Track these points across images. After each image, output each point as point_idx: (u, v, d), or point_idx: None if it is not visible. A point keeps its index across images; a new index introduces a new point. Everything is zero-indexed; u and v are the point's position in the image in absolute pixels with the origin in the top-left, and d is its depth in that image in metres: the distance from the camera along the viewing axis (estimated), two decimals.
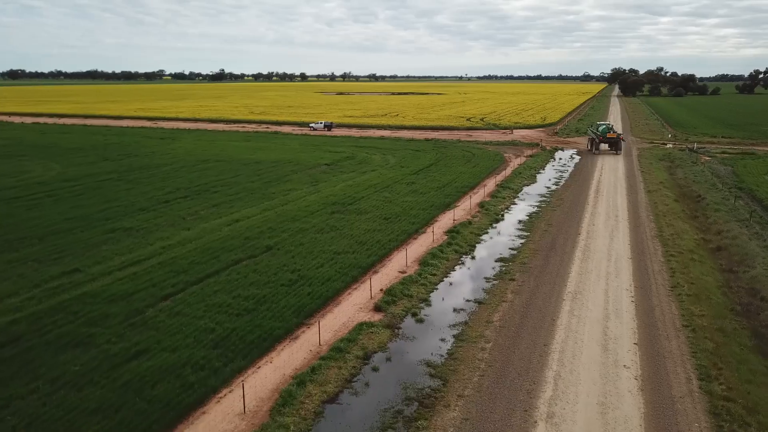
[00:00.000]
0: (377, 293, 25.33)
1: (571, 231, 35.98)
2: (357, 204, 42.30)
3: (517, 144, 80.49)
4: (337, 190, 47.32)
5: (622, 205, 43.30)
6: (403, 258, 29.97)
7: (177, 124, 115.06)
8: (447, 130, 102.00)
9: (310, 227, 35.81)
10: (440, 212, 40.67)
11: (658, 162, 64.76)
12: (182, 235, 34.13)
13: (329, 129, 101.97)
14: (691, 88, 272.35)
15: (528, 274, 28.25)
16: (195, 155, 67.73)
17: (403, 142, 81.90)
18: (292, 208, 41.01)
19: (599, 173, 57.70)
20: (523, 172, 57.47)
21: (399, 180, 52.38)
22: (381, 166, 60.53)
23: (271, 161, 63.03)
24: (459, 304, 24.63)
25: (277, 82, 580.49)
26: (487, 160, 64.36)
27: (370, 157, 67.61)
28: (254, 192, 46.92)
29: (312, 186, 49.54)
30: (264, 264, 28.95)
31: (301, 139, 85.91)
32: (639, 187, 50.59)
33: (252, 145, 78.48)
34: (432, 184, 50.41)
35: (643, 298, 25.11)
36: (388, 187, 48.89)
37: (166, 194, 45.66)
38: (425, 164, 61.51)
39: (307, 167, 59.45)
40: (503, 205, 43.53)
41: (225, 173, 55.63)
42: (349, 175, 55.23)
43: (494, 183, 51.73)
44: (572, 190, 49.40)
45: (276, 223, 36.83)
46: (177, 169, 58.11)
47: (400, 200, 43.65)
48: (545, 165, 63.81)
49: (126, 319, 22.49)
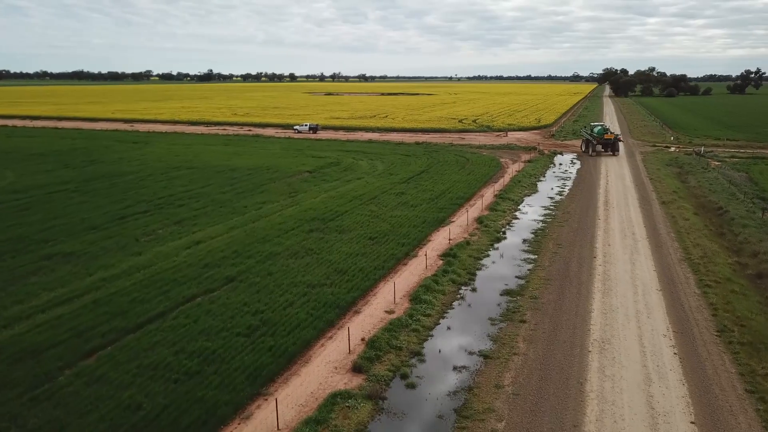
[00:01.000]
0: (358, 344, 20.32)
1: (585, 253, 31.16)
2: (339, 220, 37.25)
3: (513, 148, 75.81)
4: (318, 203, 42.24)
5: (636, 219, 38.58)
6: (391, 292, 24.97)
7: (154, 126, 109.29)
8: (438, 132, 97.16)
9: (283, 250, 30.70)
10: (434, 229, 35.70)
11: (665, 167, 60.29)
12: (131, 262, 28.91)
13: (315, 132, 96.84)
14: (682, 89, 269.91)
15: (541, 313, 23.37)
16: (166, 161, 62.32)
17: (392, 146, 76.94)
18: (264, 225, 35.86)
19: (605, 181, 53.06)
20: (523, 179, 52.69)
21: (387, 190, 47.39)
22: (368, 174, 55.50)
23: (247, 168, 57.78)
24: (460, 360, 19.67)
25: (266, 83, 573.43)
26: (482, 166, 59.54)
27: (356, 162, 62.58)
28: (224, 205, 41.71)
29: (290, 198, 44.41)
30: (222, 302, 23.84)
31: (283, 143, 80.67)
32: (651, 197, 45.97)
33: (230, 149, 73.14)
34: (424, 194, 45.46)
35: (687, 348, 20.30)
36: (375, 199, 43.89)
37: (124, 209, 40.32)
38: (416, 171, 56.56)
39: (287, 175, 54.28)
40: (504, 220, 38.65)
41: (195, 182, 50.33)
42: (333, 184, 50.15)
43: (492, 193, 46.90)
44: (578, 200, 44.67)
45: (243, 245, 31.67)
46: (143, 178, 52.69)
47: (389, 215, 38.65)
48: (545, 171, 59.10)
49: (29, 389, 17.31)
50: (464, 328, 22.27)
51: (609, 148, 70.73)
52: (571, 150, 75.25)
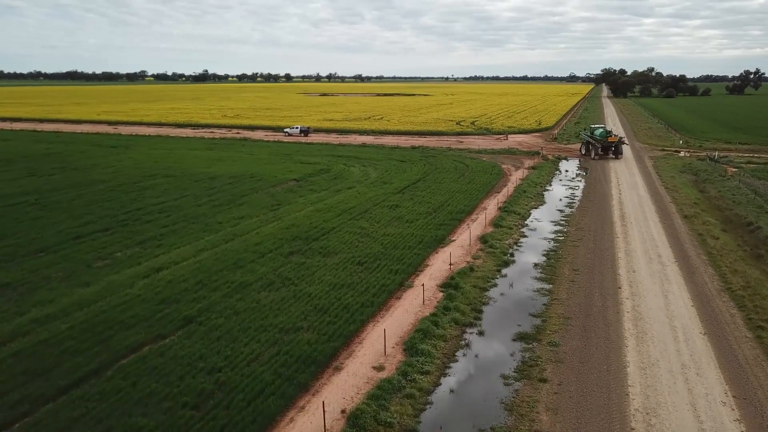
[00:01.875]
0: (336, 419, 15.94)
1: (607, 282, 26.85)
2: (324, 239, 32.83)
3: (514, 152, 71.52)
4: (302, 218, 37.81)
5: (659, 238, 34.27)
6: (381, 338, 20.56)
7: (139, 129, 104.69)
8: (435, 135, 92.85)
9: (255, 280, 26.27)
10: (432, 251, 31.31)
11: (680, 175, 56.08)
12: (75, 296, 24.44)
13: (306, 135, 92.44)
14: (681, 89, 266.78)
15: (565, 368, 19.03)
16: (143, 168, 57.77)
17: (387, 151, 72.57)
18: (238, 246, 31.41)
19: (617, 191, 48.80)
20: (528, 189, 48.37)
21: (380, 201, 43.01)
22: (360, 182, 51.10)
23: (229, 176, 53.28)
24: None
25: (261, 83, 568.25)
26: (483, 174, 55.21)
27: (347, 169, 58.17)
28: (197, 220, 37.23)
29: (271, 211, 39.96)
30: (173, 354, 19.42)
31: (271, 147, 76.16)
32: (670, 209, 41.71)
33: (213, 154, 68.61)
34: (420, 207, 41.09)
35: (755, 422, 16.00)
36: (367, 213, 39.50)
37: (83, 226, 35.79)
38: (412, 179, 52.19)
39: (271, 184, 49.82)
40: (510, 238, 34.28)
41: (169, 193, 45.82)
42: (321, 194, 45.72)
43: (496, 205, 42.56)
44: (591, 214, 40.38)
45: (211, 273, 27.23)
46: (113, 188, 48.15)
47: (381, 232, 34.25)
48: (551, 179, 54.81)
49: None
50: (471, 391, 17.91)
51: (612, 152, 67.50)
52: (575, 155, 71.02)
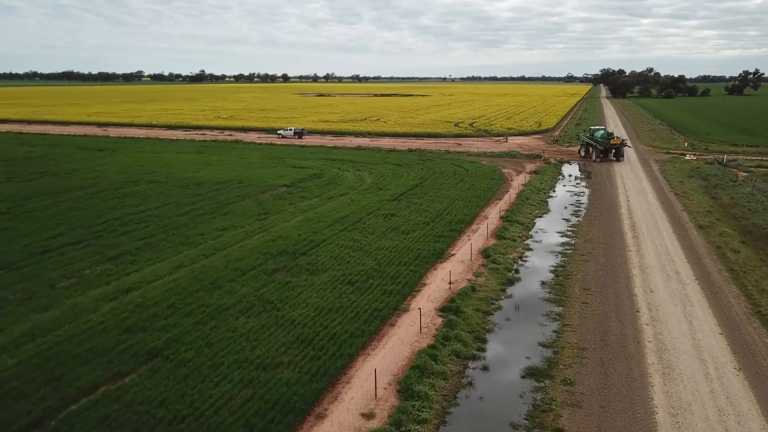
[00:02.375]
0: None
1: (623, 305, 24.32)
2: (313, 254, 30.25)
3: (515, 155, 69.01)
4: (291, 228, 35.21)
5: (675, 251, 31.75)
6: (371, 377, 17.99)
7: (129, 131, 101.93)
8: (433, 137, 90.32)
9: (234, 303, 23.68)
10: (430, 267, 28.75)
11: (689, 180, 53.63)
12: (30, 323, 21.83)
13: (300, 137, 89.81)
14: (680, 90, 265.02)
15: (582, 415, 16.49)
16: (127, 173, 55.10)
17: (383, 154, 70.00)
18: (218, 263, 28.81)
19: (624, 197, 46.31)
20: (531, 196, 45.85)
21: (375, 210, 40.45)
22: (353, 188, 48.54)
23: (216, 181, 50.66)
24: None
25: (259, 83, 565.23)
26: (483, 179, 52.67)
27: (341, 174, 55.59)
28: (177, 232, 34.62)
29: (258, 221, 37.36)
30: (130, 399, 16.81)
31: (263, 150, 73.53)
32: (683, 218, 39.23)
33: (203, 158, 65.96)
34: (417, 216, 38.53)
35: None
36: (360, 222, 36.94)
37: (53, 238, 33.14)
38: (408, 185, 49.64)
39: (260, 190, 47.21)
40: (515, 252, 31.74)
41: (151, 200, 43.19)
42: (312, 202, 43.14)
43: (498, 214, 40.04)
44: (599, 223, 37.86)
45: (185, 294, 24.63)
46: (93, 194, 45.49)
47: (375, 246, 31.68)
48: (555, 184, 52.33)
49: None
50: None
51: (614, 154, 65.94)
52: (577, 157, 68.54)
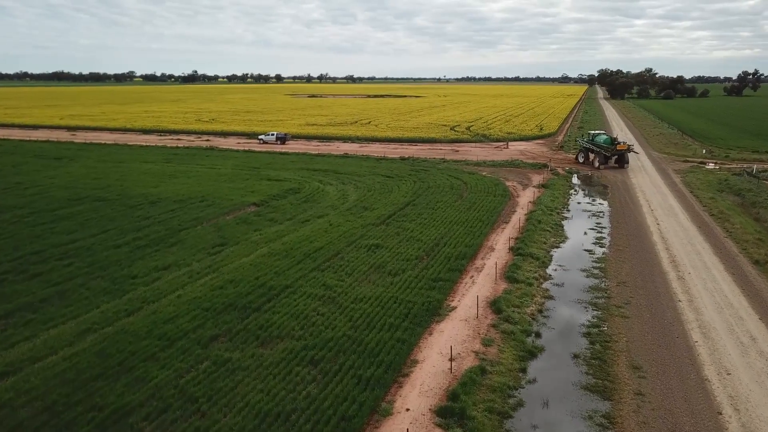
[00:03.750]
0: None
1: (696, 399, 17.28)
2: (269, 309, 23.10)
3: (518, 165, 62.02)
4: (248, 267, 28.04)
5: (738, 302, 24.71)
6: None
7: (100, 135, 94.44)
8: (428, 143, 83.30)
9: (141, 403, 16.47)
10: (423, 331, 21.63)
11: (720, 195, 46.77)
12: None
13: (283, 142, 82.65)
14: (679, 90, 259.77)
15: None
16: (74, 189, 47.74)
17: (372, 163, 62.88)
18: (141, 324, 21.58)
19: (652, 218, 39.41)
20: (543, 218, 38.81)
21: (357, 238, 33.33)
22: (334, 208, 41.42)
23: (175, 199, 43.38)
24: None
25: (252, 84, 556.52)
26: (486, 195, 45.62)
27: (322, 188, 48.44)
28: (105, 272, 27.39)
29: (210, 256, 30.15)
30: None
31: (239, 158, 66.24)
32: (730, 248, 32.26)
33: (168, 168, 58.59)
34: (409, 247, 31.43)
35: None
36: (337, 257, 29.83)
37: None
38: (399, 203, 42.55)
39: (223, 210, 39.99)
40: (533, 303, 24.66)
41: (89, 226, 35.88)
42: (281, 227, 35.96)
43: (506, 243, 33.01)
44: (631, 257, 30.90)
45: (76, 385, 17.38)
46: (21, 218, 38.11)
47: (352, 295, 24.55)
48: (567, 201, 45.38)
49: None
50: None
51: (616, 160, 61.30)
52: (589, 167, 61.66)
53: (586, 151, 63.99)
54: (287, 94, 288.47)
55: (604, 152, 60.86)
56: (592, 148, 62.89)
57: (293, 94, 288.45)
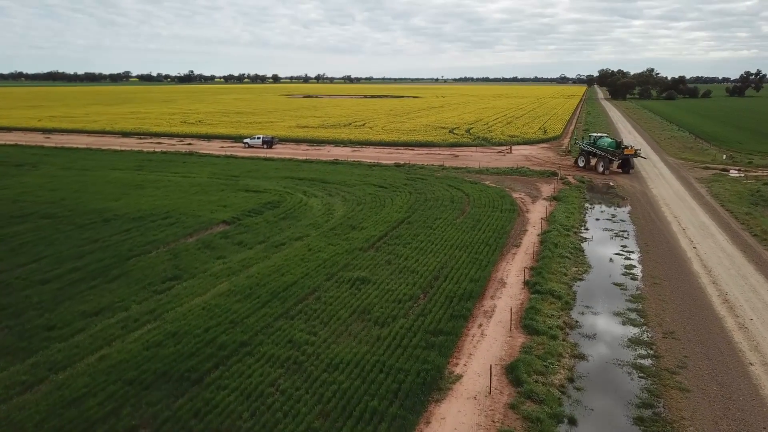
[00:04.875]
0: None
1: None
2: (215, 377, 17.41)
3: (525, 173, 56.42)
4: (198, 313, 22.33)
5: None
6: None
7: (76, 138, 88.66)
8: (425, 147, 77.71)
9: None
10: (417, 421, 15.95)
11: (756, 209, 41.21)
12: None
13: (269, 146, 77.00)
14: (681, 91, 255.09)
15: None
16: (22, 202, 41.99)
17: (364, 170, 57.25)
18: (36, 406, 15.86)
19: (686, 240, 33.81)
20: (559, 240, 33.17)
21: (340, 269, 27.69)
22: (316, 226, 35.77)
23: (134, 216, 37.65)
24: None
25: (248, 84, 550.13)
26: (491, 210, 40.00)
27: (306, 201, 42.80)
28: (16, 321, 21.65)
29: (157, 294, 24.44)
30: None
31: (218, 165, 60.51)
32: None
33: (137, 177, 52.82)
34: (401, 282, 25.78)
35: None
36: (311, 297, 24.18)
37: None
38: (392, 220, 36.88)
39: (187, 231, 34.28)
40: (560, 369, 18.92)
41: (21, 252, 30.14)
42: (250, 253, 30.26)
43: (519, 274, 27.41)
44: (671, 293, 25.31)
45: None
46: None
47: (325, 359, 18.86)
48: (584, 217, 39.82)
49: None
50: None
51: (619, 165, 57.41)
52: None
53: (587, 155, 60.05)
54: (282, 94, 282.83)
55: (610, 156, 56.65)
56: (595, 151, 58.79)
57: (288, 94, 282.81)
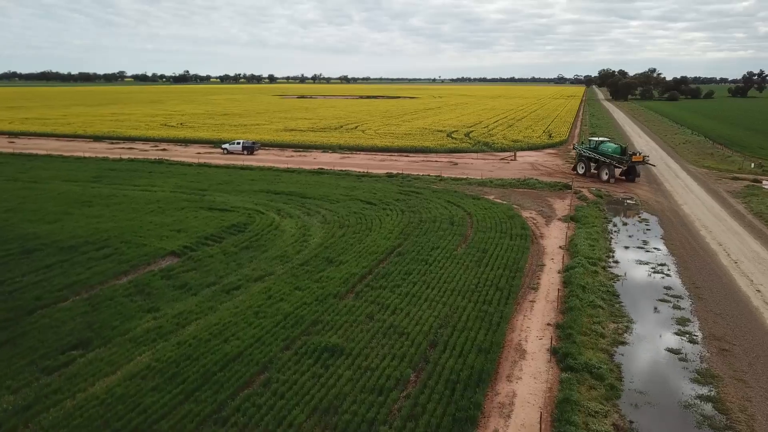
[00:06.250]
0: None
1: None
2: None
3: (533, 185, 49.64)
4: (92, 408, 15.49)
5: None
6: None
7: (41, 143, 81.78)
8: (421, 153, 70.97)
9: None
10: None
11: None
12: None
13: (251, 152, 70.25)
14: (683, 91, 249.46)
15: None
16: None
17: (351, 182, 50.46)
18: None
19: (745, 281, 27.08)
20: (587, 280, 26.36)
21: (302, 330, 20.91)
22: (285, 259, 28.96)
23: (65, 244, 30.72)
24: None
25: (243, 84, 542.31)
26: (498, 235, 33.21)
27: (278, 223, 35.99)
28: None
29: (46, 376, 17.57)
30: None
31: (187, 176, 53.57)
32: None
33: (90, 191, 45.91)
34: (386, 356, 19.00)
35: None
36: (257, 382, 17.44)
37: None
38: (378, 251, 30.06)
39: (121, 268, 27.40)
40: None
41: None
42: (192, 302, 23.42)
43: (540, 338, 20.67)
44: (748, 365, 18.64)
45: None
46: None
47: None
48: (610, 244, 33.06)
49: None
50: None
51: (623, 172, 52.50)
52: (622, 187, 49.40)
53: (587, 161, 54.72)
54: (276, 94, 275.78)
55: (616, 164, 51.25)
56: (597, 157, 53.55)
57: (282, 95, 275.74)
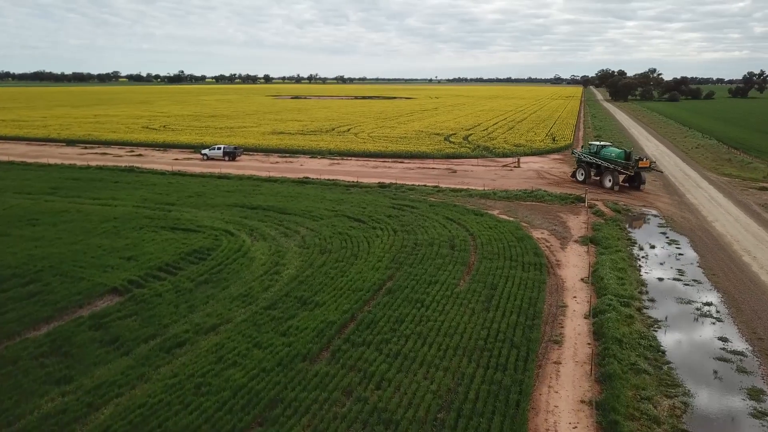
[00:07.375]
0: None
1: None
2: None
3: (541, 197, 44.36)
4: None
5: None
6: None
7: (10, 147, 76.35)
8: (417, 158, 65.74)
9: None
10: None
11: None
12: None
13: (232, 158, 64.97)
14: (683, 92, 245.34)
15: None
16: None
17: (339, 193, 45.12)
18: None
19: None
20: (623, 331, 21.10)
21: (248, 424, 15.56)
22: (247, 300, 23.61)
23: None
24: None
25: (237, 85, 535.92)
26: (507, 263, 27.90)
27: (247, 248, 30.60)
28: None
29: None
30: None
31: (157, 186, 48.10)
32: None
33: (40, 206, 40.39)
34: None
35: None
36: None
37: None
38: (365, 287, 24.71)
39: (43, 313, 21.99)
40: None
41: None
42: (117, 367, 18.04)
43: (573, 424, 15.40)
44: None
45: None
46: None
47: None
48: (641, 275, 27.82)
49: None
50: None
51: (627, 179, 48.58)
52: (640, 199, 44.23)
53: (587, 167, 50.84)
54: (270, 95, 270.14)
55: (621, 170, 47.50)
56: (599, 163, 49.58)
57: (276, 95, 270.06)
